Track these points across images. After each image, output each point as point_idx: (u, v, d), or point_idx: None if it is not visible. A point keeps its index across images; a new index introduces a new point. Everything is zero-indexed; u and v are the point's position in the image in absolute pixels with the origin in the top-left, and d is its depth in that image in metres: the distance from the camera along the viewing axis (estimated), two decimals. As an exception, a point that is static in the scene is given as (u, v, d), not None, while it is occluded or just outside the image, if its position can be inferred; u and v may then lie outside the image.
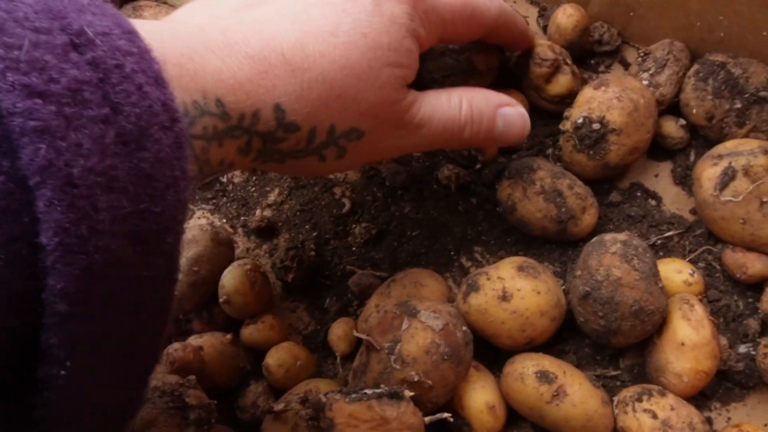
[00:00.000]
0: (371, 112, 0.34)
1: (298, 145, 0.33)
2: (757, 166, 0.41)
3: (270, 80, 0.30)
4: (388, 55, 0.34)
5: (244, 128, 0.30)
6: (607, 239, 0.39)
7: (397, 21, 0.34)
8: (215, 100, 0.28)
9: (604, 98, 0.43)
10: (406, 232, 0.46)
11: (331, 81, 0.32)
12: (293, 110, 0.31)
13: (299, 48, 0.31)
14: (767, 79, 0.43)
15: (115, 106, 0.21)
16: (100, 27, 0.22)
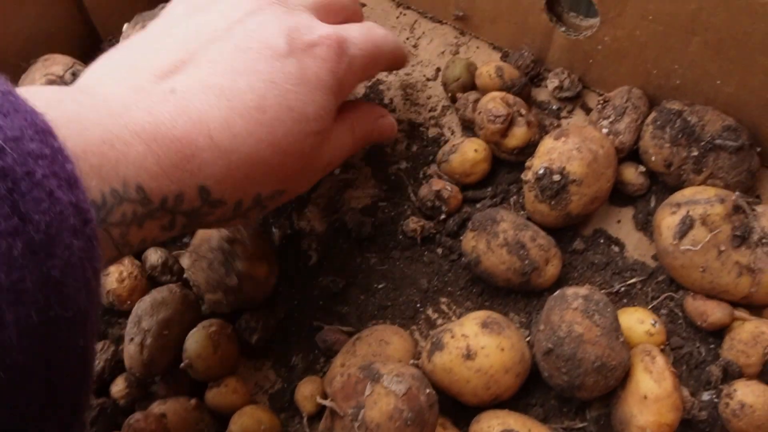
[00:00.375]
0: (294, 175, 0.36)
1: (224, 216, 0.34)
2: (714, 215, 0.41)
3: (196, 164, 0.30)
4: (312, 125, 0.35)
5: (167, 209, 0.30)
6: (568, 294, 0.40)
7: (321, 85, 0.35)
8: (136, 187, 0.28)
9: (564, 149, 0.43)
10: (373, 285, 0.46)
11: (258, 159, 0.33)
12: (219, 190, 0.32)
13: (227, 128, 0.31)
14: (722, 127, 0.44)
15: (24, 216, 0.21)
16: (10, 131, 0.21)
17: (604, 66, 0.49)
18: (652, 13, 0.43)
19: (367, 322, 0.44)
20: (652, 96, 0.48)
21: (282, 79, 0.33)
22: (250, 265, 0.42)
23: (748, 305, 0.43)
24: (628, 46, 0.46)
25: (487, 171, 0.47)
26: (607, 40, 0.47)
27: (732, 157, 0.44)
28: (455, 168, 0.46)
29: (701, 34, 0.42)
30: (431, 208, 0.46)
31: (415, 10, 0.56)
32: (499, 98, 0.46)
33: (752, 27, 0.40)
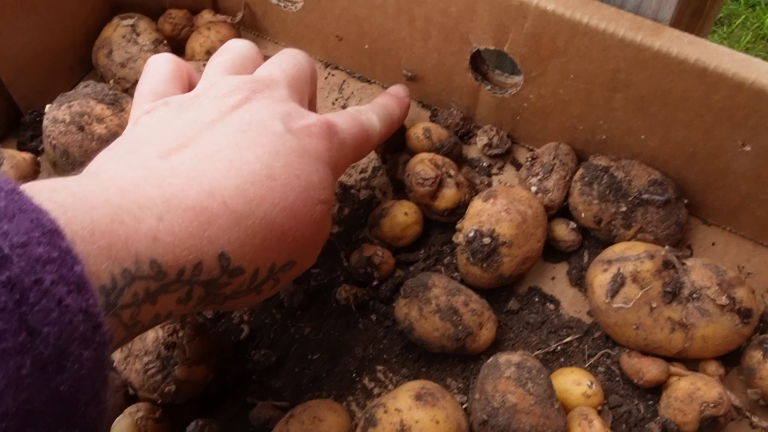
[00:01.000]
0: (305, 244, 0.36)
1: (241, 287, 0.33)
2: (645, 272, 0.41)
3: (213, 230, 0.30)
4: (318, 193, 0.35)
5: (184, 281, 0.29)
6: (501, 362, 0.39)
7: (321, 159, 0.36)
8: (149, 262, 0.27)
9: (492, 211, 0.43)
10: (307, 356, 0.45)
11: (272, 224, 0.32)
12: (238, 256, 0.31)
13: (241, 194, 0.31)
14: (648, 182, 0.44)
15: (32, 330, 0.20)
16: (17, 237, 0.21)
17: (531, 122, 0.49)
18: (573, 72, 0.43)
19: (302, 396, 0.43)
20: (580, 151, 0.48)
21: (285, 151, 0.34)
22: (189, 370, 0.40)
23: (684, 360, 0.43)
24: (552, 103, 0.46)
25: (418, 233, 0.47)
26: (532, 98, 0.47)
27: (660, 211, 0.44)
28: (386, 232, 0.46)
29: (622, 91, 0.43)
30: (364, 274, 0.45)
31: (343, 70, 0.56)
32: (427, 160, 0.45)
33: (670, 84, 0.41)
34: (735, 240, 0.48)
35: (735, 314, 0.41)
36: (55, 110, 0.44)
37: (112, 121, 0.45)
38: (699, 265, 0.43)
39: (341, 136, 0.38)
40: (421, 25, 0.47)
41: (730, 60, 0.38)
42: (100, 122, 0.44)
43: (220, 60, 0.40)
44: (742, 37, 1.54)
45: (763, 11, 1.57)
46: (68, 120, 0.44)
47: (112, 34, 0.52)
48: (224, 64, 0.39)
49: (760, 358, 0.41)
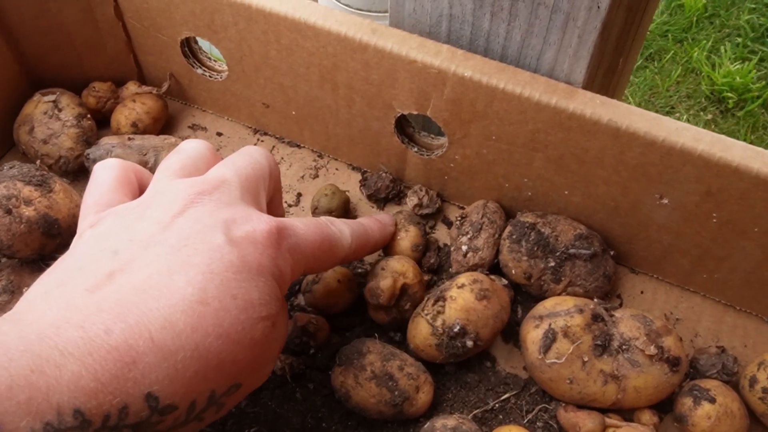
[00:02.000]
0: (248, 366, 0.34)
1: (176, 421, 0.31)
2: (575, 326, 0.42)
3: (139, 370, 0.28)
4: (259, 310, 0.33)
5: (110, 427, 0.28)
6: (437, 427, 0.39)
7: (263, 272, 0.34)
8: (72, 412, 0.26)
9: (483, 315, 0.42)
10: (244, 430, 0.44)
11: (206, 354, 0.31)
12: (168, 394, 0.30)
13: (168, 327, 0.30)
14: (574, 236, 0.45)
15: None
16: None
17: (459, 182, 0.50)
18: (494, 134, 0.44)
19: (240, 473, 0.42)
20: (507, 207, 0.49)
21: (221, 268, 0.32)
22: None
23: (619, 410, 0.43)
24: (477, 163, 0.47)
25: (352, 300, 0.47)
26: (458, 159, 0.48)
27: (587, 264, 0.45)
28: (319, 299, 0.46)
29: (542, 151, 0.44)
30: (299, 344, 0.45)
31: (272, 136, 0.56)
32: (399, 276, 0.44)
33: (587, 144, 0.42)
34: (662, 287, 0.49)
35: (664, 363, 0.42)
36: None
37: (41, 203, 0.44)
38: (627, 317, 0.43)
39: (293, 241, 0.37)
40: (345, 92, 0.47)
41: (641, 119, 0.40)
42: (28, 204, 0.43)
43: (169, 163, 0.39)
44: (672, 72, 1.60)
45: (691, 46, 1.64)
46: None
47: (33, 110, 0.51)
48: (173, 167, 0.38)
49: (690, 406, 0.42)
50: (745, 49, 1.62)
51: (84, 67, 0.55)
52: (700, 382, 0.43)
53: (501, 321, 0.43)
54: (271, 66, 0.49)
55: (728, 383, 0.44)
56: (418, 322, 0.44)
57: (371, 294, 0.44)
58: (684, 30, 1.70)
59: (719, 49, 1.64)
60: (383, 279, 0.44)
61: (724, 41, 1.66)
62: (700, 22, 1.71)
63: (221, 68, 0.53)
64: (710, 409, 0.42)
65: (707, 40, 1.66)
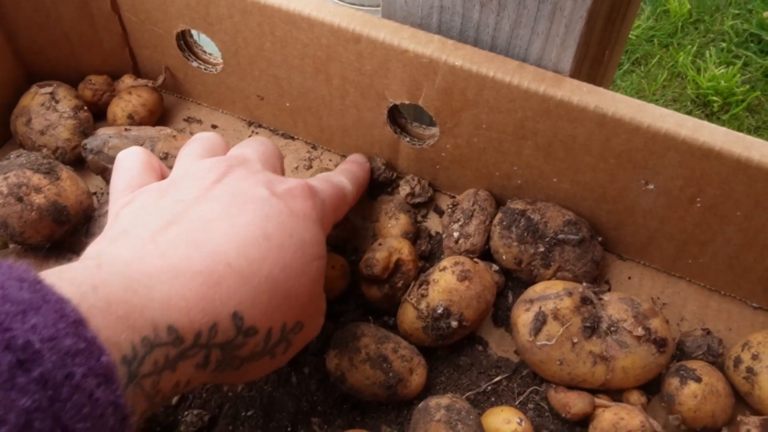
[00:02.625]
0: (308, 304, 0.36)
1: (256, 348, 0.33)
2: (564, 309, 0.43)
3: (223, 291, 0.31)
4: (312, 250, 0.36)
5: (201, 345, 0.29)
6: (431, 405, 0.40)
7: (309, 218, 0.37)
8: (167, 328, 0.28)
9: (466, 295, 0.43)
10: (240, 413, 0.45)
11: (275, 282, 0.33)
12: (250, 316, 0.32)
13: (242, 256, 0.32)
14: (563, 222, 0.46)
15: (66, 427, 0.20)
16: (45, 330, 0.21)
17: (450, 171, 0.51)
18: (484, 123, 0.45)
19: (237, 455, 0.43)
20: (498, 195, 0.50)
21: (274, 213, 0.35)
22: None
23: (608, 391, 0.44)
24: (468, 152, 0.48)
25: (345, 287, 0.47)
26: (449, 148, 0.49)
27: (576, 250, 0.46)
28: (314, 285, 0.46)
29: (531, 138, 0.45)
30: (294, 328, 0.46)
31: (266, 128, 0.57)
32: (395, 251, 0.46)
33: (574, 131, 0.43)
34: (649, 273, 0.50)
35: (651, 344, 0.43)
36: None
37: (50, 190, 0.45)
38: (615, 300, 0.45)
39: (321, 196, 0.40)
40: (338, 83, 0.48)
41: (626, 106, 0.41)
42: (38, 192, 0.44)
43: (191, 148, 0.41)
44: (658, 76, 1.62)
45: (676, 51, 1.66)
46: (6, 191, 0.43)
47: (30, 102, 0.52)
48: (195, 150, 0.40)
49: (677, 385, 0.43)
50: (730, 54, 1.65)
51: (80, 61, 0.55)
52: (687, 362, 0.44)
53: (485, 301, 0.44)
54: (265, 58, 0.50)
55: (714, 364, 0.45)
56: (405, 307, 0.45)
57: (366, 264, 0.44)
58: (669, 35, 1.72)
59: (704, 53, 1.66)
60: (379, 251, 0.45)
61: (708, 46, 1.68)
62: (685, 27, 1.73)
63: (216, 61, 0.54)
64: (696, 388, 0.43)
65: (692, 44, 1.68)
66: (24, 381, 0.19)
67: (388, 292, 0.46)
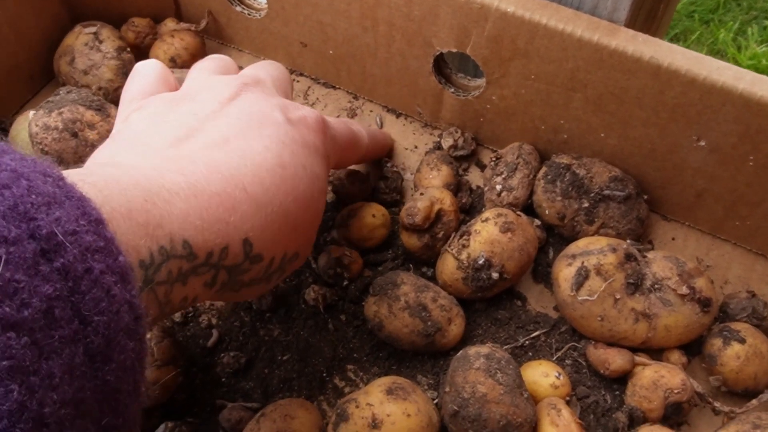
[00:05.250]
0: (308, 234, 0.37)
1: (257, 274, 0.34)
2: (608, 265, 0.42)
3: (238, 217, 0.31)
4: (321, 184, 0.37)
5: (211, 264, 0.30)
6: (470, 354, 0.40)
7: (318, 151, 0.37)
8: (182, 242, 0.28)
9: (508, 247, 0.43)
10: (277, 357, 0.45)
11: (286, 212, 0.33)
12: (259, 243, 0.32)
13: (258, 183, 0.32)
14: (609, 178, 0.46)
15: (84, 318, 0.20)
16: (68, 224, 0.21)
17: (495, 124, 0.50)
18: (533, 73, 0.44)
19: (272, 397, 0.43)
20: (542, 150, 0.49)
21: (289, 140, 0.35)
22: (158, 372, 0.40)
23: (647, 350, 0.44)
24: (515, 104, 0.47)
25: (385, 236, 0.47)
26: (494, 100, 0.48)
27: (621, 207, 0.46)
28: (353, 233, 0.46)
29: (581, 90, 0.44)
30: (333, 275, 0.46)
31: (308, 77, 0.56)
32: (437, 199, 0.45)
33: (627, 83, 0.42)
34: (694, 234, 0.49)
35: (695, 303, 0.42)
36: (44, 117, 0.44)
37: (102, 126, 0.45)
38: (659, 258, 0.44)
39: (332, 132, 0.40)
40: (384, 29, 0.48)
41: (683, 57, 0.40)
42: (91, 128, 0.45)
43: (205, 65, 0.41)
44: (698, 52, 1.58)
45: (717, 27, 1.63)
46: (61, 127, 0.43)
47: (74, 42, 0.51)
48: (209, 67, 0.40)
49: (720, 346, 0.42)
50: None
51: (123, 3, 0.55)
52: (731, 324, 0.44)
53: (527, 254, 0.44)
54: (311, 3, 0.49)
55: (758, 327, 0.44)
56: (445, 258, 0.45)
57: (407, 213, 0.44)
58: (711, 11, 1.68)
59: (746, 31, 1.62)
60: (421, 200, 0.44)
61: (751, 23, 1.64)
62: (727, 4, 1.69)
63: (260, 6, 0.54)
64: (739, 350, 0.42)
65: (734, 21, 1.64)
66: (47, 269, 0.20)
67: (428, 242, 0.45)
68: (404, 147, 0.53)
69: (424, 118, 0.53)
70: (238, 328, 0.46)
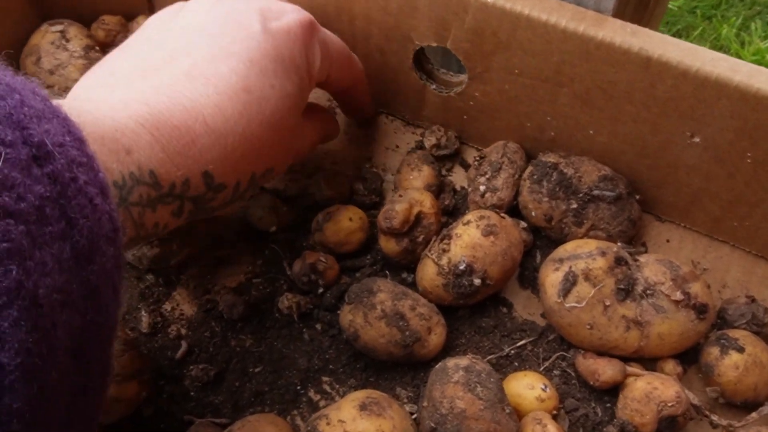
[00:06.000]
0: (282, 152, 0.38)
1: (225, 199, 0.35)
2: (597, 269, 0.40)
3: (197, 150, 0.32)
4: (293, 101, 0.37)
5: (175, 195, 0.32)
6: (449, 366, 0.37)
7: (295, 63, 0.37)
8: (149, 172, 0.30)
9: (490, 251, 0.41)
10: (248, 369, 0.42)
11: (250, 138, 0.34)
12: (220, 173, 0.33)
13: (219, 113, 0.33)
14: (598, 178, 0.43)
15: (70, 220, 0.22)
16: (56, 137, 0.23)
17: (479, 121, 0.47)
18: (517, 67, 0.42)
19: (243, 411, 0.41)
20: (529, 150, 0.47)
21: (259, 56, 0.35)
22: (118, 387, 0.38)
23: (640, 359, 0.41)
24: (499, 100, 0.45)
25: (362, 240, 0.45)
26: (478, 96, 0.45)
27: (611, 207, 0.43)
28: (329, 237, 0.44)
29: (568, 85, 0.41)
30: (308, 282, 0.43)
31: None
32: (416, 203, 0.43)
33: (615, 76, 0.39)
34: (690, 236, 0.47)
35: (690, 310, 0.40)
36: None
37: None
38: (652, 261, 0.41)
39: (323, 36, 0.39)
40: (362, 24, 0.45)
41: (675, 49, 0.37)
42: None
43: None
44: (698, 49, 1.56)
45: (720, 23, 1.60)
46: None
47: (40, 40, 0.49)
48: None
49: (717, 355, 0.40)
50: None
51: (94, 0, 0.53)
52: (729, 331, 0.41)
53: (511, 259, 0.41)
54: (285, -3, 0.47)
55: (758, 335, 0.41)
56: (425, 263, 0.42)
57: (384, 216, 0.42)
58: (713, 7, 1.65)
59: (749, 26, 1.59)
60: (399, 203, 0.42)
61: (754, 18, 1.61)
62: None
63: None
64: (738, 359, 0.39)
65: (737, 17, 1.61)
66: (38, 173, 0.21)
67: (407, 247, 0.43)
68: (385, 146, 0.50)
69: (406, 116, 0.51)
70: (209, 339, 0.43)
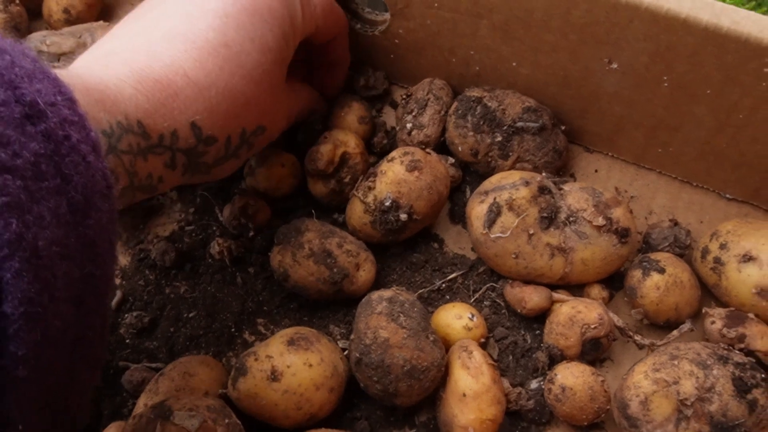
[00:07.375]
0: (270, 109, 0.37)
1: (218, 154, 0.35)
2: (520, 199, 0.40)
3: (181, 101, 0.32)
4: (274, 56, 0.36)
5: (165, 146, 0.32)
6: (373, 298, 0.38)
7: (275, 15, 0.36)
8: (136, 122, 0.30)
9: (415, 186, 0.41)
10: (183, 315, 0.43)
11: (234, 92, 0.34)
12: (208, 125, 0.33)
13: (200, 67, 0.33)
14: (522, 110, 0.43)
15: (65, 176, 0.23)
16: (48, 97, 0.23)
17: (405, 59, 0.47)
18: (437, 1, 0.42)
19: (179, 356, 0.41)
20: (456, 86, 0.47)
21: (235, 11, 0.34)
22: None
23: (567, 286, 0.42)
24: (422, 36, 0.45)
25: (295, 185, 0.45)
26: (401, 33, 0.45)
27: (536, 138, 0.43)
28: (261, 182, 0.44)
29: (487, 17, 0.41)
30: (237, 226, 0.43)
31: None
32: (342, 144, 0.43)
33: (531, 4, 0.39)
34: (617, 165, 0.47)
35: (612, 234, 0.40)
36: None
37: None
38: (576, 189, 0.42)
39: None
40: (282, -37, 0.45)
41: (586, -27, 0.38)
42: None
43: None
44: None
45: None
46: None
47: (-42, -5, 0.48)
48: None
49: (639, 277, 0.41)
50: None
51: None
52: (651, 254, 0.42)
53: (437, 193, 0.41)
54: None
55: (681, 257, 0.42)
56: (353, 202, 0.43)
57: (309, 158, 0.42)
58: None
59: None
60: (323, 144, 0.42)
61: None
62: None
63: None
64: (659, 280, 0.40)
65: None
66: (32, 130, 0.22)
67: (335, 188, 0.43)
68: (317, 91, 0.50)
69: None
70: (143, 287, 0.43)
